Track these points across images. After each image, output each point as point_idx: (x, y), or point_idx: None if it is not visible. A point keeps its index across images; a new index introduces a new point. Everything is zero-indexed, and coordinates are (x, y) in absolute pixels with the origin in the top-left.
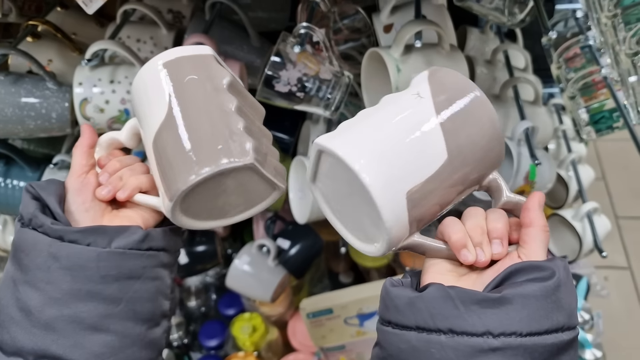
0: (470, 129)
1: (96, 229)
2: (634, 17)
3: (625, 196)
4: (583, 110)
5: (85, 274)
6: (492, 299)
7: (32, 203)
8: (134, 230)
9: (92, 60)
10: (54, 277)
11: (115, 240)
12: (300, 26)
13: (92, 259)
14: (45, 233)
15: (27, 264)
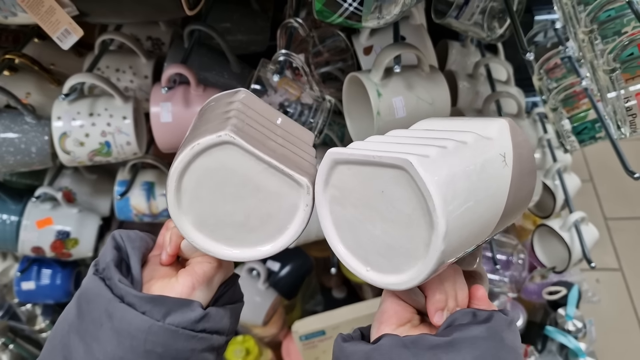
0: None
1: (156, 298)
2: (610, 31)
3: (613, 197)
4: (566, 121)
5: (131, 343)
6: (444, 343)
7: (111, 252)
8: (193, 307)
9: (70, 95)
10: (102, 336)
11: (171, 314)
12: (279, 53)
13: (142, 330)
14: (109, 287)
15: (85, 313)
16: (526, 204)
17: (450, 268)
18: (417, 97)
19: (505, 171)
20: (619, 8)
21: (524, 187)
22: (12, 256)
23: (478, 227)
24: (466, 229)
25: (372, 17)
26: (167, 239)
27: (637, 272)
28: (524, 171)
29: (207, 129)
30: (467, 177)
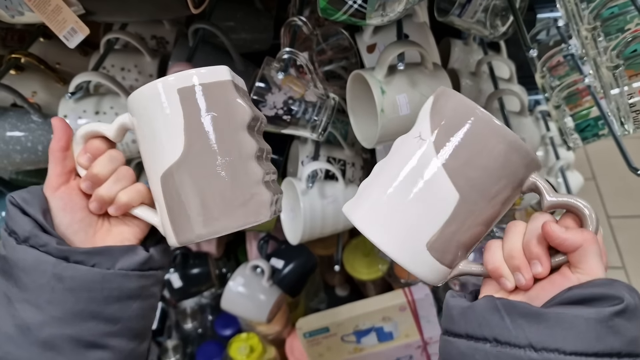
0: (478, 157)
1: (102, 250)
2: (613, 28)
3: (615, 195)
4: (569, 118)
5: (89, 295)
6: (539, 313)
7: (25, 220)
8: (137, 252)
9: (76, 93)
10: (57, 297)
11: (119, 261)
12: (284, 51)
13: (97, 281)
14: (48, 253)
15: (27, 282)
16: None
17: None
18: (420, 94)
19: (424, 146)
20: (622, 5)
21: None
22: None
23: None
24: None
25: (376, 15)
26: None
27: (639, 269)
28: (453, 131)
29: None
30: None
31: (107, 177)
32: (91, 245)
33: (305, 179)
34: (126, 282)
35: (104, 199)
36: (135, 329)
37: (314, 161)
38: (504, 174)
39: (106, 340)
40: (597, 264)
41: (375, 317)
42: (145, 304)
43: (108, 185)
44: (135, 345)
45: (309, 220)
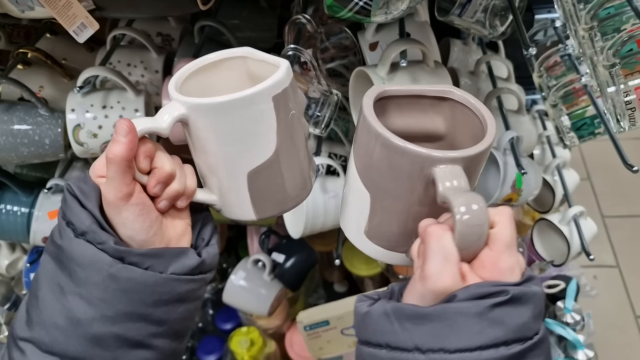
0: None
1: (156, 252)
2: (610, 28)
3: (610, 195)
4: (565, 117)
5: (140, 297)
6: (422, 314)
7: (84, 214)
8: (189, 256)
9: (84, 87)
10: (109, 297)
11: (172, 265)
12: (288, 48)
13: (149, 284)
14: (105, 251)
15: (82, 277)
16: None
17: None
18: None
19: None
20: (619, 5)
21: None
22: (20, 248)
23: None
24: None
25: (380, 13)
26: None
27: (633, 268)
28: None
29: None
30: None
31: (174, 173)
32: (165, 243)
33: None
34: (176, 287)
35: (177, 194)
36: (179, 330)
37: (316, 156)
38: (396, 174)
39: (151, 341)
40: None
41: None
42: (191, 306)
43: (179, 180)
44: (177, 344)
45: (311, 215)
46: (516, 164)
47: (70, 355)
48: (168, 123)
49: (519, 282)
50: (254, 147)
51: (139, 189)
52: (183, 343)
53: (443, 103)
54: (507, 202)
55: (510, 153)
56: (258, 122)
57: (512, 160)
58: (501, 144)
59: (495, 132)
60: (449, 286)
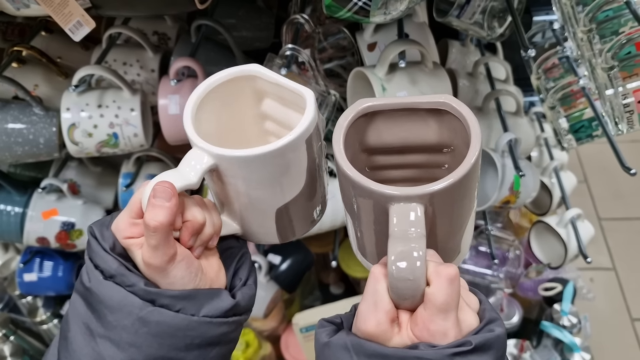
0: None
1: (188, 294)
2: (608, 31)
3: (607, 198)
4: (563, 119)
5: (171, 341)
6: (383, 354)
7: (110, 258)
8: (222, 298)
9: (80, 86)
10: (139, 341)
11: (204, 307)
12: (287, 48)
13: (181, 328)
14: (135, 293)
15: (111, 320)
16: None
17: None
18: (420, 92)
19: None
20: (617, 8)
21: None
22: (13, 248)
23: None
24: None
25: (379, 13)
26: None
27: (630, 271)
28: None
29: None
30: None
31: (202, 219)
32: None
33: None
34: (209, 330)
35: (210, 238)
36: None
37: None
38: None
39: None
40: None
41: None
42: (225, 349)
43: (209, 224)
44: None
45: None
46: (514, 166)
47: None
48: (198, 178)
49: (479, 328)
50: (285, 188)
51: (179, 246)
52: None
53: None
54: (505, 205)
55: (508, 155)
56: (291, 166)
57: (510, 162)
58: (499, 146)
59: (475, 160)
60: (372, 331)
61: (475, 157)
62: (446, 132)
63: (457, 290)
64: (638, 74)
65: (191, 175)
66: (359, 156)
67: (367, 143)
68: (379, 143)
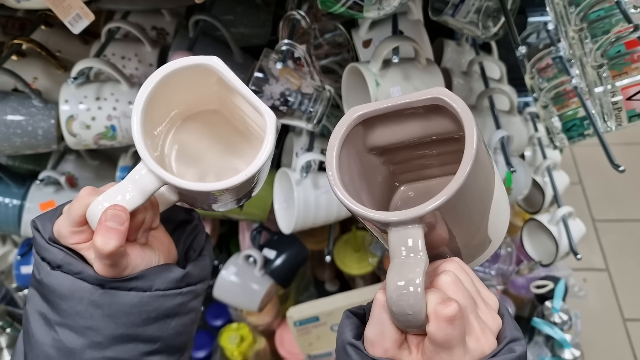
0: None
1: (137, 275)
2: (599, 31)
3: (601, 199)
4: (556, 118)
5: (127, 319)
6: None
7: (55, 250)
8: (172, 270)
9: (78, 78)
10: (96, 324)
11: (155, 282)
12: (282, 43)
13: (134, 305)
14: (84, 280)
15: (66, 308)
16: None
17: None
18: (414, 88)
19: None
20: (608, 8)
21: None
22: (11, 241)
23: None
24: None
25: (373, 8)
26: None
27: (623, 272)
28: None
29: None
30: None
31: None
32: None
33: (299, 170)
34: (164, 303)
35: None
36: (175, 345)
37: (309, 152)
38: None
39: (145, 359)
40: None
41: None
42: (184, 319)
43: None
44: (175, 359)
45: (302, 209)
46: (506, 162)
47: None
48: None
49: (498, 350)
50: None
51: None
52: (183, 356)
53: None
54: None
55: (500, 152)
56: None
57: (502, 159)
58: (491, 142)
59: (469, 166)
60: (380, 356)
61: (471, 161)
62: (449, 122)
63: (458, 328)
64: (627, 73)
65: (138, 198)
66: (369, 159)
67: (375, 144)
68: (386, 143)
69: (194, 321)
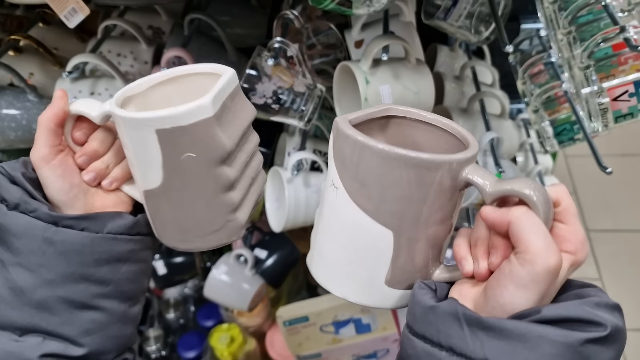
0: (391, 190)
1: (90, 215)
2: (588, 34)
3: (595, 209)
4: (547, 122)
5: (79, 258)
6: (501, 328)
7: (15, 188)
8: (124, 217)
9: (73, 73)
10: (48, 261)
11: (107, 225)
12: (275, 40)
13: (86, 244)
14: (38, 218)
15: (19, 247)
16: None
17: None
18: (403, 86)
19: (340, 195)
20: (597, 12)
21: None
22: None
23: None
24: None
25: (363, 5)
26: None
27: (616, 282)
28: (358, 173)
29: None
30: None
31: (105, 152)
32: (88, 211)
33: (291, 168)
34: (115, 245)
35: (100, 172)
36: (126, 291)
37: (301, 151)
38: (426, 193)
39: (97, 302)
40: (530, 237)
41: (355, 308)
42: (135, 267)
43: (105, 159)
44: (126, 307)
45: (293, 208)
46: (495, 163)
47: (19, 326)
48: (99, 114)
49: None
50: (142, 170)
51: (65, 154)
52: (134, 307)
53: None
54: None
55: (490, 154)
56: (143, 149)
57: (492, 161)
58: (481, 144)
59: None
60: (559, 262)
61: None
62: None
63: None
64: (615, 75)
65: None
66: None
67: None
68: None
69: (144, 272)
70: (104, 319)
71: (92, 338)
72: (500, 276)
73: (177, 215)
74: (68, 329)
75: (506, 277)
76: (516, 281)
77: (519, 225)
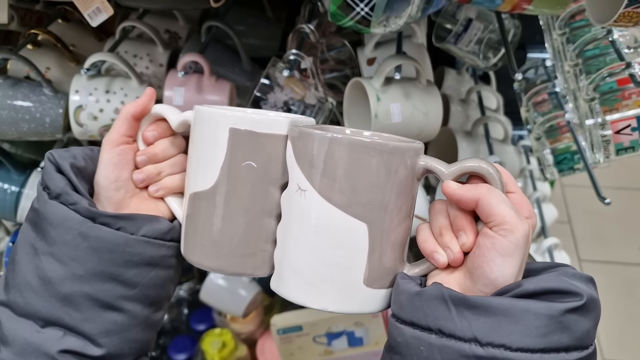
0: (361, 180)
1: (127, 215)
2: (594, 68)
3: (589, 240)
4: (548, 151)
5: (110, 256)
6: (487, 306)
7: (59, 177)
8: (160, 221)
9: (90, 70)
10: (80, 255)
11: (143, 228)
12: (290, 53)
13: (120, 244)
14: (77, 211)
15: (54, 237)
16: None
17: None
18: (413, 106)
19: (309, 196)
20: (603, 47)
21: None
22: (3, 229)
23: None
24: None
25: (380, 25)
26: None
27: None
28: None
29: None
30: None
31: (164, 159)
32: (123, 209)
33: None
34: (147, 249)
35: (151, 176)
36: (151, 296)
37: None
38: (392, 180)
39: (122, 303)
40: (503, 209)
41: (349, 321)
42: (164, 273)
43: (160, 166)
44: (149, 312)
45: None
46: None
47: (42, 317)
48: (178, 119)
49: (587, 279)
50: (200, 168)
51: (131, 149)
52: (157, 313)
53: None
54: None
55: None
56: (211, 145)
57: None
58: None
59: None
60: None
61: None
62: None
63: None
64: (618, 109)
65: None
66: None
67: None
68: None
69: (171, 279)
70: (126, 322)
71: (111, 339)
72: (483, 252)
73: (215, 224)
74: (89, 327)
75: (490, 252)
76: (502, 252)
77: (490, 200)
